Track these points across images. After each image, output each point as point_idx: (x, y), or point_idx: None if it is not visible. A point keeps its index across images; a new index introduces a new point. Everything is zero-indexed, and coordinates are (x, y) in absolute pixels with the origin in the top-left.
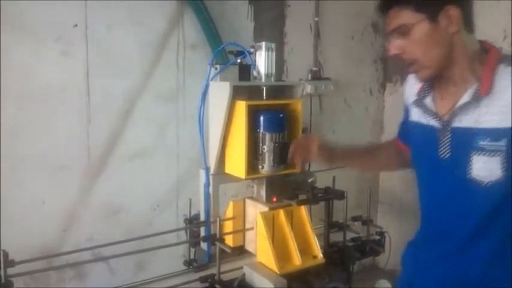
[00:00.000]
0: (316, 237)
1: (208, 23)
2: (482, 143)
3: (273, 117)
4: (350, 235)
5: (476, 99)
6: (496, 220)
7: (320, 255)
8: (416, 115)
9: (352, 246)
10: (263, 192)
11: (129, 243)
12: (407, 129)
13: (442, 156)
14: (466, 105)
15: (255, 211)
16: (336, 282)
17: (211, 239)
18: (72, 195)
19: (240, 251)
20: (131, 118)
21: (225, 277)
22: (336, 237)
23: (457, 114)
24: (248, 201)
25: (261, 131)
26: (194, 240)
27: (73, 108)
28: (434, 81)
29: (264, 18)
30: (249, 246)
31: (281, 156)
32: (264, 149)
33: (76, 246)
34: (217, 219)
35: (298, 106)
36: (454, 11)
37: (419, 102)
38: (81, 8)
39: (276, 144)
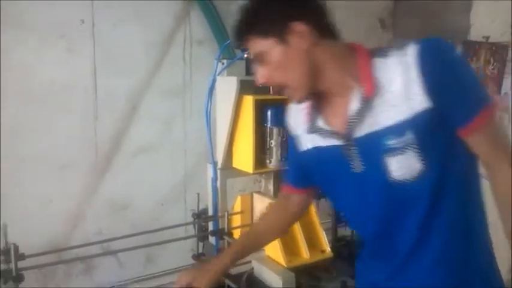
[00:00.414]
0: (324, 232)
1: (215, 19)
2: (390, 143)
3: (280, 112)
4: None
5: (366, 102)
6: (438, 215)
7: (328, 249)
8: (314, 142)
9: (359, 240)
10: (271, 187)
11: (137, 238)
12: (299, 167)
13: (356, 171)
14: (359, 113)
15: (263, 205)
16: (343, 276)
17: (219, 233)
18: (80, 191)
19: None
20: (138, 114)
21: (234, 271)
22: (344, 231)
23: (354, 124)
24: (256, 196)
25: (269, 125)
26: (202, 235)
27: (80, 106)
28: (318, 101)
29: None
30: None
31: None
32: (271, 143)
33: (84, 241)
34: (226, 213)
35: None
36: (300, 27)
37: (312, 128)
38: (87, 6)
39: (284, 139)
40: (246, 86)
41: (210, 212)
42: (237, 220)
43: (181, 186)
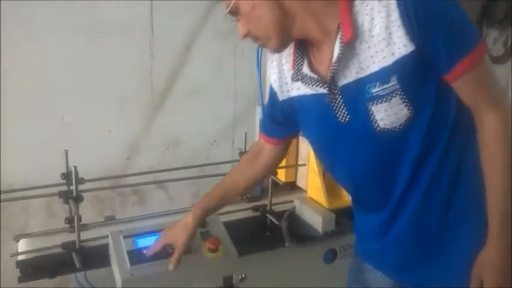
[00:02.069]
0: None
1: None
2: (374, 90)
3: None
4: None
5: (346, 46)
6: (424, 164)
7: None
8: (299, 90)
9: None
10: None
11: (187, 173)
12: (278, 116)
13: (342, 121)
14: (341, 59)
15: (308, 148)
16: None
17: None
18: (135, 126)
19: (291, 186)
20: (191, 54)
21: (276, 209)
22: None
23: (337, 71)
24: (301, 138)
25: None
26: None
27: (137, 43)
28: (303, 47)
29: None
30: (300, 183)
31: None
32: None
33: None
34: None
35: None
36: None
37: (297, 75)
38: None
39: None
40: None
41: None
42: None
43: (230, 127)
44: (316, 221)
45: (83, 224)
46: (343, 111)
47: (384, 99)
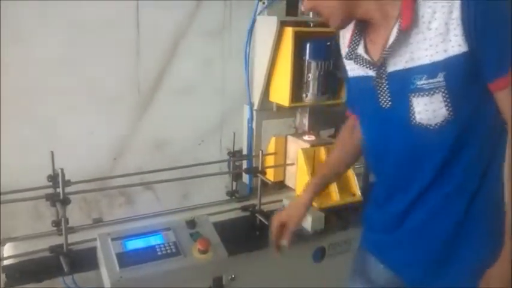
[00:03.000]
0: (355, 176)
1: None
2: (419, 82)
3: (319, 45)
4: None
5: (404, 36)
6: (447, 169)
7: (358, 193)
8: (353, 69)
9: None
10: (305, 121)
11: (175, 174)
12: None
13: (384, 106)
14: (395, 45)
15: (296, 147)
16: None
17: (253, 171)
18: (122, 126)
19: (280, 186)
20: (178, 53)
21: (265, 208)
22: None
23: (388, 57)
24: (290, 138)
25: (307, 58)
26: (237, 172)
27: (123, 41)
28: (362, 28)
29: None
30: (288, 182)
31: (326, 85)
32: (309, 77)
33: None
34: (260, 152)
35: None
36: None
37: (351, 54)
38: None
39: (321, 73)
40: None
41: (245, 152)
42: (270, 161)
43: (218, 126)
44: (306, 220)
45: (70, 226)
46: (387, 96)
47: (427, 93)
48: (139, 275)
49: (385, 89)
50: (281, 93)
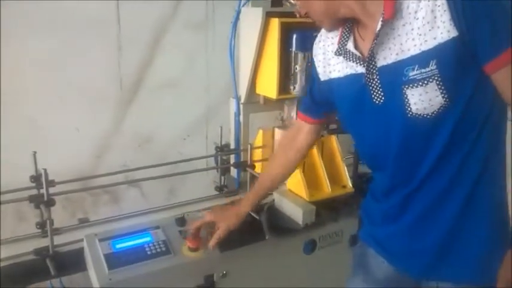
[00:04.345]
0: (345, 168)
1: None
2: (411, 74)
3: (306, 36)
4: None
5: (389, 26)
6: (446, 159)
7: (349, 184)
8: (340, 69)
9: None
10: (293, 114)
11: (161, 170)
12: (315, 97)
13: (377, 101)
14: (382, 38)
15: None
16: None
17: (242, 165)
18: (105, 123)
19: None
20: (161, 48)
21: None
22: (365, 168)
23: (378, 51)
24: (277, 130)
25: (294, 50)
26: (225, 167)
27: (104, 37)
28: (351, 26)
29: None
30: None
31: None
32: (296, 68)
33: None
34: (249, 146)
35: None
36: None
37: (340, 50)
38: None
39: (309, 64)
40: (271, 18)
41: (232, 146)
42: (257, 155)
43: (203, 121)
44: (296, 213)
45: (56, 228)
46: (379, 92)
47: (420, 83)
48: (128, 276)
49: (376, 84)
50: (268, 86)
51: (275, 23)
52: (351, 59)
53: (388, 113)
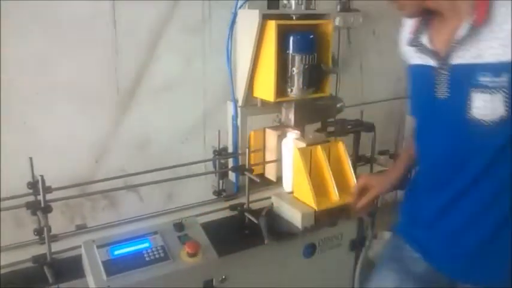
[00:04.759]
0: (354, 174)
1: None
2: (483, 79)
3: (303, 38)
4: (376, 169)
5: (474, 31)
6: (493, 169)
7: None
8: (413, 57)
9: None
10: (291, 116)
11: (159, 174)
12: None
13: (440, 96)
14: (464, 39)
15: (275, 138)
16: (361, 214)
17: (240, 169)
18: (102, 127)
19: (267, 182)
20: (158, 51)
21: (254, 206)
22: (362, 170)
23: (455, 50)
24: (268, 131)
25: (291, 52)
26: (223, 171)
27: (100, 40)
28: (429, 17)
29: None
30: (268, 174)
31: (311, 78)
32: (293, 71)
33: (107, 177)
34: (246, 150)
35: (329, 27)
36: None
37: (415, 41)
38: None
39: (306, 66)
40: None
41: (230, 150)
42: (258, 157)
43: (200, 124)
44: (295, 217)
45: (53, 234)
46: (445, 88)
47: (488, 91)
48: (127, 282)
49: (445, 80)
50: (265, 89)
51: (272, 26)
52: (424, 52)
53: (448, 109)
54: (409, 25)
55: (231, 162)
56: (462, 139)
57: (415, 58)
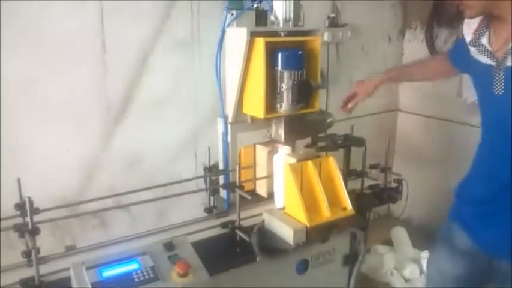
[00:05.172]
0: (345, 189)
1: None
2: None
3: (291, 55)
4: (368, 183)
5: None
6: None
7: (349, 206)
8: (474, 53)
9: (370, 193)
10: (281, 132)
11: (150, 192)
12: (460, 55)
13: (497, 93)
14: None
15: (265, 154)
16: (353, 228)
17: (231, 186)
18: (92, 145)
19: (258, 198)
20: (147, 68)
21: (245, 223)
22: (353, 185)
23: (509, 52)
24: (258, 147)
25: (279, 69)
26: (214, 188)
27: (89, 57)
28: (489, 21)
29: None
30: (259, 190)
31: (300, 94)
32: (282, 87)
33: (97, 196)
34: (237, 167)
35: (317, 44)
36: None
37: (475, 42)
38: None
39: (295, 82)
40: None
41: (221, 167)
42: (248, 173)
43: (191, 141)
44: (287, 233)
45: (42, 256)
46: (501, 85)
47: None
48: None
49: (501, 78)
50: (255, 105)
51: (260, 43)
52: (484, 52)
53: (504, 104)
54: (471, 22)
55: (222, 179)
56: None
57: (476, 54)
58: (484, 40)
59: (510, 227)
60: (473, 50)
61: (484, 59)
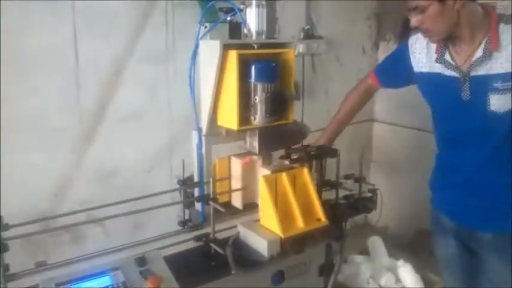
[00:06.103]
0: (319, 200)
1: None
2: (496, 84)
3: (265, 67)
4: (342, 193)
5: (489, 52)
6: (505, 143)
7: (324, 217)
8: (432, 67)
9: (344, 203)
10: (255, 144)
11: (124, 206)
12: (400, 73)
13: (464, 98)
14: (481, 59)
15: (239, 167)
16: (328, 239)
17: (205, 199)
18: (65, 159)
19: (234, 210)
20: (121, 81)
21: (220, 236)
22: (328, 195)
23: (473, 65)
24: (233, 159)
25: (253, 81)
26: (188, 201)
27: (62, 72)
28: (448, 41)
29: None
30: (234, 202)
31: (273, 106)
32: (255, 99)
33: (70, 210)
34: (211, 179)
35: (291, 56)
36: None
37: (440, 59)
38: None
39: (268, 95)
40: (229, 50)
41: (196, 179)
42: (224, 185)
43: (166, 153)
44: (261, 245)
45: (12, 273)
46: (467, 91)
47: (501, 92)
48: None
49: (466, 86)
50: (229, 117)
51: (233, 55)
52: (449, 67)
53: (472, 107)
54: (425, 42)
55: (197, 191)
56: (478, 127)
57: (436, 68)
58: (447, 56)
59: (485, 201)
60: (438, 66)
61: (448, 72)
